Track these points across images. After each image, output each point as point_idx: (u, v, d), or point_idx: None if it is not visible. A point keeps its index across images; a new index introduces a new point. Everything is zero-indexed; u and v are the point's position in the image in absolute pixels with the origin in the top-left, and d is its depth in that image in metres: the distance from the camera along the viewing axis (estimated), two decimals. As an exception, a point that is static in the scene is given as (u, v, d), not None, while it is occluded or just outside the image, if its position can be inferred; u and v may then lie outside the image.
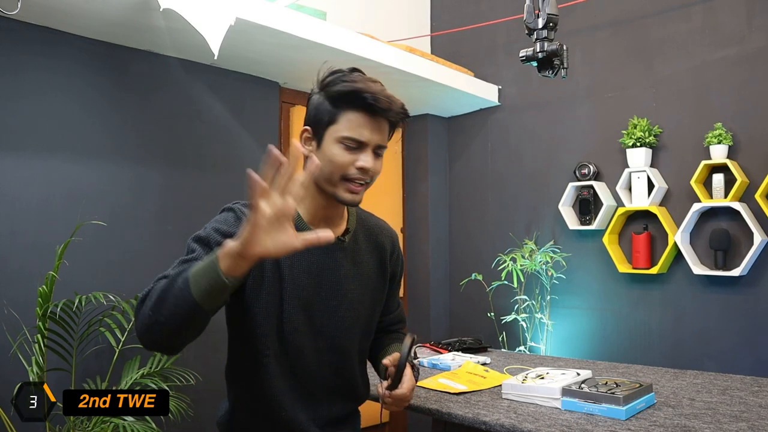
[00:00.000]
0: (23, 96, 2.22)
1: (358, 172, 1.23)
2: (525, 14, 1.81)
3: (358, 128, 1.21)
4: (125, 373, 2.23)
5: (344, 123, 1.22)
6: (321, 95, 1.26)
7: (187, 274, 1.02)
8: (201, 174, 2.71)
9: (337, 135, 1.22)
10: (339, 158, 1.21)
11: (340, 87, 1.22)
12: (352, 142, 1.22)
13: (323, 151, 1.23)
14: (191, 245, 1.20)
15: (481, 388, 1.75)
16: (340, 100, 1.22)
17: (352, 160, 1.22)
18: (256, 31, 2.35)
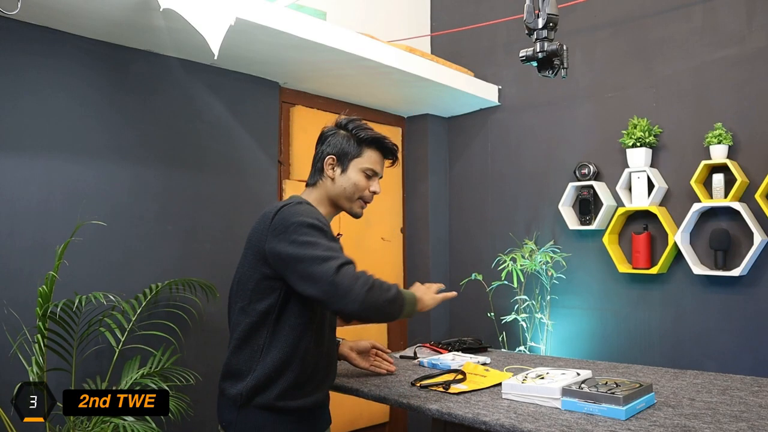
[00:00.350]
0: (23, 96, 2.22)
1: (370, 195, 1.71)
2: (525, 14, 1.81)
3: (375, 163, 1.70)
4: (125, 373, 2.23)
5: (366, 158, 1.69)
6: (344, 134, 1.70)
7: (402, 299, 1.53)
8: (201, 174, 2.71)
9: (361, 166, 1.68)
10: (361, 183, 1.68)
11: (366, 133, 1.69)
12: (370, 172, 1.69)
13: (348, 176, 1.67)
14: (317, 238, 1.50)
15: (481, 386, 1.75)
16: (365, 141, 1.69)
17: (368, 185, 1.69)
18: (256, 31, 2.35)
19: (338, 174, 1.67)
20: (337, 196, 1.68)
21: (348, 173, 1.67)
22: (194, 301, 2.48)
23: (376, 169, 1.70)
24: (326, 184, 1.68)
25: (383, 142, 1.70)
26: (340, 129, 1.71)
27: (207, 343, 2.63)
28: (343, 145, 1.67)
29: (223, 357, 1.62)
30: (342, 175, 1.67)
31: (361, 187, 1.68)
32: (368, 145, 1.69)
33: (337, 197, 1.68)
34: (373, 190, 1.70)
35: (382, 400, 1.72)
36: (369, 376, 1.94)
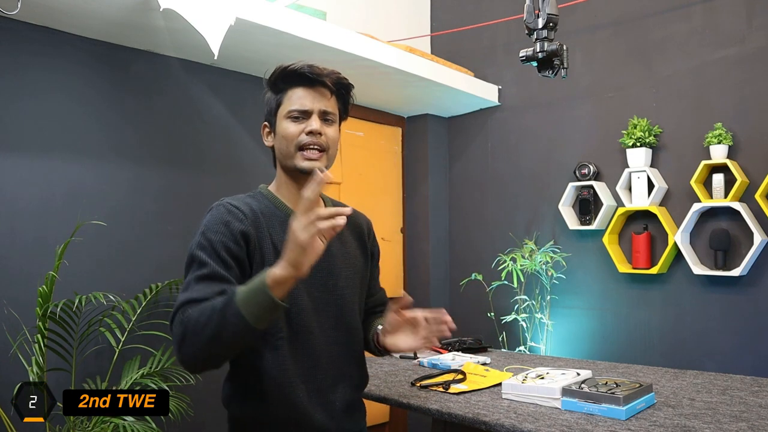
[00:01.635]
0: (23, 96, 2.22)
1: (309, 137, 1.31)
2: (525, 14, 1.81)
3: (298, 100, 1.32)
4: (125, 373, 2.23)
5: (286, 101, 1.33)
6: (267, 90, 1.38)
7: (235, 306, 1.09)
8: (201, 174, 2.71)
9: (284, 113, 1.33)
10: (289, 130, 1.32)
11: (275, 74, 1.34)
12: (296, 113, 1.32)
13: (277, 132, 1.34)
14: (198, 256, 1.22)
15: (481, 386, 1.75)
16: (279, 83, 1.34)
17: (301, 129, 1.31)
18: (256, 31, 2.35)
19: (273, 138, 1.37)
20: (280, 160, 1.36)
21: (277, 130, 1.35)
22: (194, 301, 2.47)
23: (303, 107, 1.31)
24: (275, 156, 1.38)
25: (294, 71, 1.32)
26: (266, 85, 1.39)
27: (207, 343, 2.63)
28: (267, 103, 1.37)
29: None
30: (275, 137, 1.36)
31: (291, 133, 1.31)
32: (284, 86, 1.34)
33: (281, 161, 1.36)
34: (308, 129, 1.31)
35: (382, 400, 1.72)
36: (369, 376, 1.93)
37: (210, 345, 1.11)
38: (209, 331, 1.10)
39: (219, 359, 1.18)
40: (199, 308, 1.12)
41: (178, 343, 1.14)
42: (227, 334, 1.09)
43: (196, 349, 1.12)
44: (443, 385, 1.76)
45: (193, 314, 1.12)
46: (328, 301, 1.37)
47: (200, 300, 1.14)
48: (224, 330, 1.09)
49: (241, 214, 1.28)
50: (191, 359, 1.14)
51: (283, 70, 1.33)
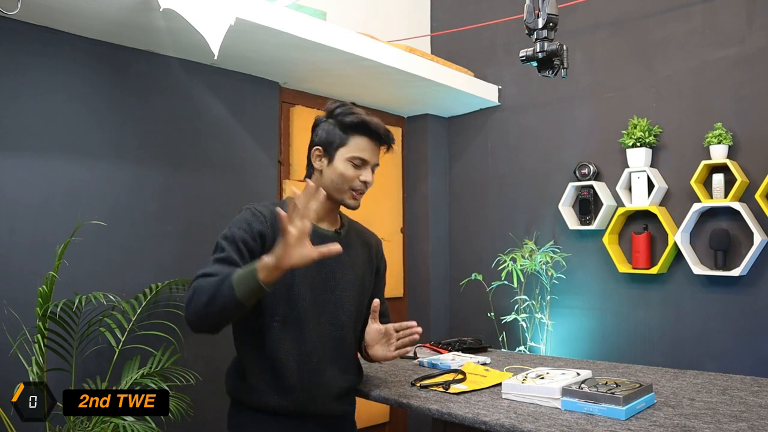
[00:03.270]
0: (23, 96, 2.22)
1: (362, 185, 1.59)
2: (525, 14, 1.81)
3: (363, 150, 1.58)
4: (125, 373, 2.23)
5: (353, 146, 1.57)
6: (331, 122, 1.60)
7: (230, 281, 1.33)
8: (201, 174, 2.71)
9: (347, 155, 1.57)
10: (348, 173, 1.57)
11: (351, 118, 1.57)
12: (358, 161, 1.57)
13: (334, 167, 1.58)
14: (221, 243, 1.48)
15: (481, 386, 1.75)
16: (350, 127, 1.57)
17: (357, 174, 1.58)
18: (256, 31, 2.35)
19: (325, 165, 1.59)
20: (327, 188, 1.58)
21: (334, 164, 1.57)
22: (194, 301, 2.47)
23: (365, 157, 1.58)
24: (317, 176, 1.61)
25: (368, 126, 1.57)
26: (329, 117, 1.61)
27: (207, 343, 2.62)
28: (329, 134, 1.58)
29: (223, 357, 1.63)
30: (329, 167, 1.58)
31: (349, 177, 1.57)
32: (354, 132, 1.57)
33: (327, 189, 1.58)
34: (363, 179, 1.58)
35: (382, 400, 1.72)
36: (369, 376, 1.93)
37: (206, 307, 1.35)
38: (207, 296, 1.34)
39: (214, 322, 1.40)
40: (208, 280, 1.36)
41: (186, 304, 1.39)
42: (220, 302, 1.33)
43: (196, 309, 1.36)
44: (443, 385, 1.76)
45: (202, 282, 1.37)
46: (327, 299, 1.59)
47: (212, 274, 1.38)
48: (218, 298, 1.33)
49: (262, 218, 1.52)
50: (192, 317, 1.38)
51: (360, 120, 1.56)
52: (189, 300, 1.38)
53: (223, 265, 1.42)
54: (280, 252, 1.29)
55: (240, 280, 1.32)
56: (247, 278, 1.31)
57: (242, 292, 1.31)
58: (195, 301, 1.36)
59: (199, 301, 1.35)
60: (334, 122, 1.59)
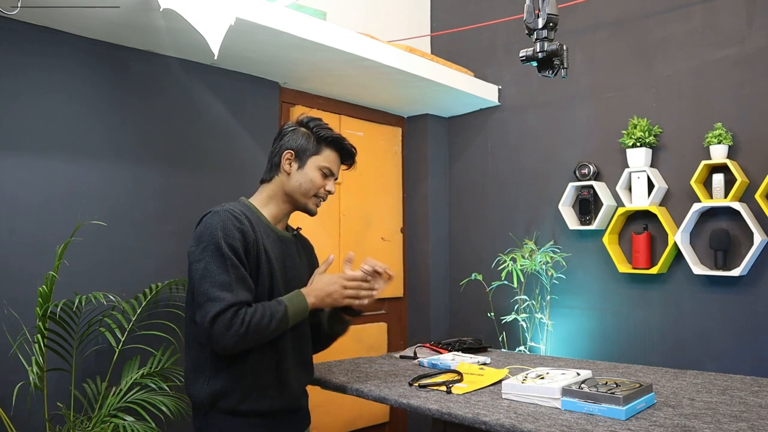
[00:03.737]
0: (23, 96, 2.22)
1: (325, 194, 1.72)
2: (525, 14, 1.81)
3: (333, 163, 1.72)
4: (125, 373, 2.23)
5: (325, 156, 1.70)
6: (306, 132, 1.71)
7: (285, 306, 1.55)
8: (201, 174, 2.71)
9: (319, 164, 1.69)
10: (317, 181, 1.69)
11: (327, 133, 1.71)
12: (327, 171, 1.70)
13: (305, 172, 1.68)
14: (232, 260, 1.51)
15: (480, 386, 1.75)
16: (326, 140, 1.70)
17: (324, 184, 1.71)
18: (256, 31, 2.35)
19: (295, 169, 1.68)
20: (293, 191, 1.68)
21: (305, 169, 1.68)
22: (194, 301, 2.47)
23: (333, 169, 1.71)
24: (282, 179, 1.69)
25: (342, 143, 1.72)
26: (301, 126, 1.72)
27: (207, 343, 2.63)
28: (302, 142, 1.69)
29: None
30: (299, 171, 1.68)
31: (317, 184, 1.69)
32: (327, 145, 1.70)
33: (292, 192, 1.69)
34: (328, 189, 1.71)
35: (382, 400, 1.72)
36: (369, 376, 1.93)
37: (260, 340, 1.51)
38: (267, 332, 1.50)
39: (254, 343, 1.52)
40: (257, 315, 1.48)
41: (239, 336, 1.45)
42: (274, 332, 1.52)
43: (250, 342, 1.49)
44: (445, 385, 1.76)
45: (254, 319, 1.47)
46: None
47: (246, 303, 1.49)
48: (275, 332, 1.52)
49: (245, 221, 1.58)
50: (241, 347, 1.48)
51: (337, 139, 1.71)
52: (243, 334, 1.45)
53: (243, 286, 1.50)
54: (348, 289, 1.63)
55: (294, 308, 1.56)
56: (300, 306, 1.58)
57: (295, 317, 1.57)
58: (253, 336, 1.47)
59: (255, 335, 1.48)
60: (309, 133, 1.70)
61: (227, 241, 1.51)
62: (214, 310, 1.44)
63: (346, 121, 3.44)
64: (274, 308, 1.52)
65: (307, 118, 1.74)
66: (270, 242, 1.62)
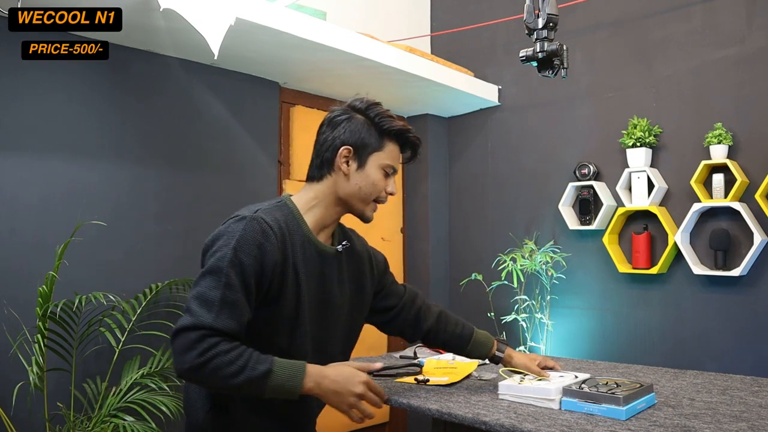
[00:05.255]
0: (23, 96, 2.22)
1: (386, 197, 1.44)
2: (525, 14, 1.81)
3: (396, 159, 1.43)
4: (125, 373, 2.23)
5: (387, 153, 1.41)
6: (366, 121, 1.40)
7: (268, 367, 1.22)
8: (201, 174, 2.71)
9: (381, 162, 1.40)
10: (380, 183, 1.41)
11: (392, 125, 1.41)
12: (390, 170, 1.42)
13: (366, 173, 1.40)
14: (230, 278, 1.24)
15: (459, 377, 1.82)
16: (390, 133, 1.41)
17: (385, 185, 1.43)
18: (256, 31, 2.35)
19: (354, 169, 1.39)
20: (350, 196, 1.40)
21: (366, 169, 1.39)
22: (194, 301, 2.47)
23: (396, 167, 1.44)
24: (337, 180, 1.40)
25: (407, 136, 1.43)
26: (356, 113, 1.41)
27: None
28: (363, 135, 1.39)
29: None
30: (358, 171, 1.39)
31: (380, 187, 1.41)
32: (390, 138, 1.41)
33: (349, 197, 1.40)
34: (389, 191, 1.44)
35: (382, 400, 1.72)
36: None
37: (217, 386, 1.22)
38: (229, 381, 1.19)
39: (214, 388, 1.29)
40: (231, 355, 1.20)
41: (194, 365, 1.18)
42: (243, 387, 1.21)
43: (204, 379, 1.21)
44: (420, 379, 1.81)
45: (222, 357, 1.19)
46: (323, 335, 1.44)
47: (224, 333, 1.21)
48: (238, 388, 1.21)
49: (273, 237, 1.30)
50: (193, 378, 1.22)
51: (402, 129, 1.41)
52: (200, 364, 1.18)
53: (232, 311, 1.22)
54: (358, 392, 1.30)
55: (280, 378, 1.22)
56: (289, 379, 1.23)
57: (274, 389, 1.23)
58: (210, 375, 1.19)
59: (215, 378, 1.20)
60: (369, 123, 1.40)
61: (238, 256, 1.25)
62: (183, 323, 1.20)
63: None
64: (254, 363, 1.21)
65: (364, 103, 1.42)
66: (305, 258, 1.36)
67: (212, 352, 1.18)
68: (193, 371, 1.19)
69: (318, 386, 1.27)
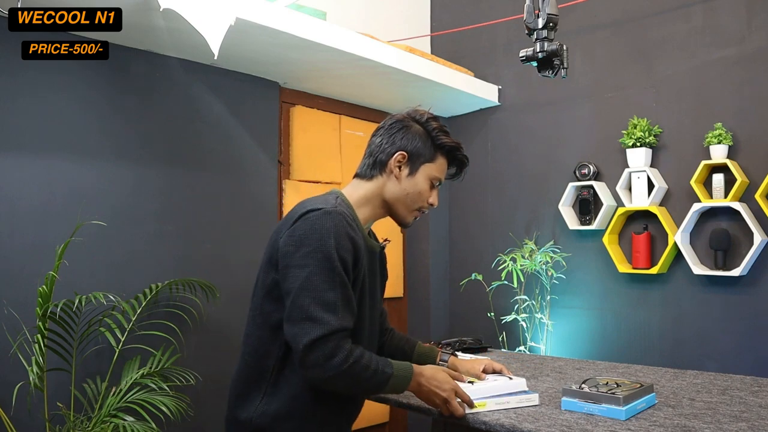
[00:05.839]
0: (23, 96, 2.21)
1: (428, 207, 1.51)
2: (525, 14, 1.81)
3: (443, 173, 1.51)
4: (125, 373, 2.23)
5: (437, 166, 1.48)
6: (424, 133, 1.47)
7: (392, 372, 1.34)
8: (201, 174, 2.71)
9: (430, 173, 1.47)
10: (426, 193, 1.48)
11: (448, 141, 1.48)
12: (437, 182, 1.50)
13: (416, 181, 1.46)
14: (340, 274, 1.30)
15: None
16: (442, 148, 1.48)
17: (429, 195, 1.49)
18: (256, 31, 2.35)
19: (405, 175, 1.45)
20: (396, 200, 1.46)
21: (416, 177, 1.45)
22: (194, 301, 2.48)
23: (442, 180, 1.51)
24: (387, 182, 1.46)
25: (457, 155, 1.50)
26: (416, 123, 1.48)
27: (207, 343, 2.63)
28: (419, 144, 1.45)
29: (223, 357, 1.61)
30: (409, 178, 1.45)
31: (425, 196, 1.48)
32: (443, 153, 1.48)
33: (395, 201, 1.46)
34: (431, 202, 1.50)
35: (382, 400, 1.72)
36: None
37: (352, 389, 1.34)
38: (364, 384, 1.31)
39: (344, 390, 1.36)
40: (365, 360, 1.29)
41: (340, 371, 1.25)
42: (366, 391, 1.38)
43: (344, 384, 1.30)
44: None
45: (360, 362, 1.28)
46: (373, 318, 1.51)
47: (348, 329, 1.29)
48: (368, 390, 1.36)
49: (358, 232, 1.38)
50: (333, 384, 1.29)
51: (455, 149, 1.49)
52: (339, 371, 1.25)
53: (350, 308, 1.30)
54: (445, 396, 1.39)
55: (398, 380, 1.35)
56: (403, 381, 1.36)
57: (390, 389, 1.35)
58: (351, 375, 1.27)
59: (353, 379, 1.29)
60: (426, 134, 1.47)
61: (339, 252, 1.29)
62: (314, 333, 1.23)
63: (346, 121, 3.44)
64: (382, 366, 1.31)
65: (425, 116, 1.49)
66: (362, 253, 1.40)
67: (353, 358, 1.27)
68: (339, 377, 1.26)
69: (419, 385, 1.39)
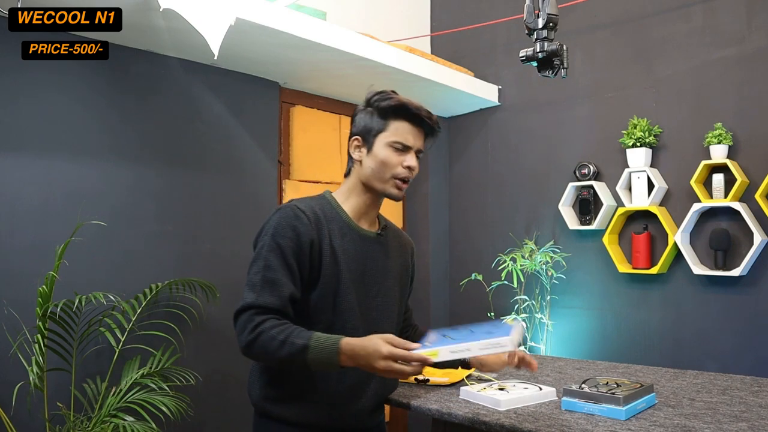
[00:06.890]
0: (23, 96, 2.21)
1: (406, 171, 1.50)
2: (525, 14, 1.81)
3: (404, 134, 1.49)
4: (125, 373, 2.23)
5: (392, 130, 1.48)
6: (369, 110, 1.51)
7: (306, 346, 1.29)
8: (201, 174, 2.71)
9: (387, 140, 1.48)
10: (390, 159, 1.48)
11: (388, 102, 1.48)
12: (399, 145, 1.48)
13: (374, 154, 1.48)
14: (267, 257, 1.38)
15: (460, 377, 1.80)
16: (389, 112, 1.48)
17: (400, 161, 1.49)
18: (256, 31, 2.35)
19: (365, 155, 1.50)
20: (368, 179, 1.50)
21: (374, 151, 1.48)
22: (194, 301, 2.48)
23: (407, 142, 1.49)
24: (356, 169, 1.52)
25: (408, 109, 1.48)
26: (367, 105, 1.52)
27: (207, 343, 2.63)
28: (366, 122, 1.50)
29: (223, 357, 1.62)
30: (369, 155, 1.49)
31: (391, 163, 1.48)
32: (393, 116, 1.48)
33: (368, 180, 1.50)
34: (407, 165, 1.49)
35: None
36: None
37: (268, 356, 1.33)
38: (272, 349, 1.31)
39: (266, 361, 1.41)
40: (274, 331, 1.31)
41: (247, 342, 1.33)
42: (285, 357, 1.31)
43: (258, 355, 1.35)
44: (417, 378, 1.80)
45: (267, 333, 1.31)
46: (371, 306, 1.51)
47: (269, 309, 1.34)
48: (285, 355, 1.30)
49: (305, 219, 1.42)
50: (250, 356, 1.36)
51: (399, 103, 1.47)
52: (251, 341, 1.32)
53: (273, 289, 1.36)
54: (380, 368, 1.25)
55: (317, 352, 1.29)
56: (325, 354, 1.29)
57: (314, 363, 1.30)
58: (259, 349, 1.32)
59: (262, 352, 1.32)
60: (372, 109, 1.50)
61: (275, 239, 1.39)
62: (237, 307, 1.36)
63: (346, 121, 3.44)
64: (294, 337, 1.30)
65: (371, 92, 1.52)
66: (345, 241, 1.47)
67: (259, 329, 1.31)
68: (247, 348, 1.33)
69: (353, 360, 1.29)
